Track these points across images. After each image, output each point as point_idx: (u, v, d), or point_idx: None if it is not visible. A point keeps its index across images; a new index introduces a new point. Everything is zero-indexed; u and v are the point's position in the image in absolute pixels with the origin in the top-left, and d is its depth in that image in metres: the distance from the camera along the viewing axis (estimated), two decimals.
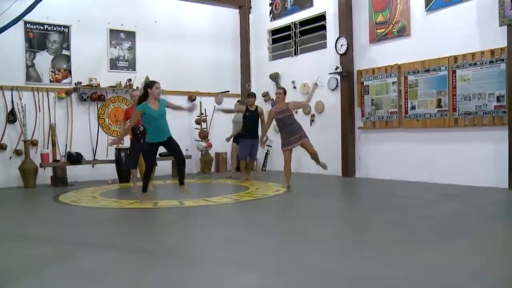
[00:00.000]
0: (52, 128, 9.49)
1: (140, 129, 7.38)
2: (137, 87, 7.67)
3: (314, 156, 7.87)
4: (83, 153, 9.53)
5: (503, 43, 7.05)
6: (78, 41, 9.85)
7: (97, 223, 5.43)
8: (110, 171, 9.71)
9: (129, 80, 10.35)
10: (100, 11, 10.15)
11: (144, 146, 7.02)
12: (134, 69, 10.57)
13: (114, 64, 10.38)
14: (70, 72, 9.80)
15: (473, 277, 3.05)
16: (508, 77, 7.00)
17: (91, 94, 9.96)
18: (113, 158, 9.69)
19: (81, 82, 9.82)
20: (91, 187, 8.68)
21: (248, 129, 9.05)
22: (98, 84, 10.00)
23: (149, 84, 6.31)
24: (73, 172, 9.55)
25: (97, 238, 4.55)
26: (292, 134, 7.75)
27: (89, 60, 10.02)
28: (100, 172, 9.96)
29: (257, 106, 9.16)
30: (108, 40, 10.30)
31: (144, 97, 6.24)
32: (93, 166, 10.02)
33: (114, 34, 10.37)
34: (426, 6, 8.18)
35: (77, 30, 9.85)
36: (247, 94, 9.73)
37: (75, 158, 9.28)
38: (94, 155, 10.01)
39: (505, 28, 6.97)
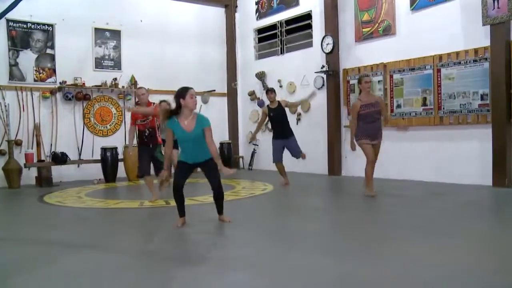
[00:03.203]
0: (37, 127, 9.38)
1: (146, 134, 6.63)
2: (143, 87, 7.13)
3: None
4: (68, 153, 9.45)
5: (487, 42, 7.14)
6: (62, 40, 9.75)
7: (83, 223, 5.38)
8: (96, 171, 9.64)
9: (115, 79, 10.28)
10: (85, 9, 10.05)
11: (154, 150, 6.58)
12: (119, 68, 10.50)
13: (99, 63, 10.29)
14: (54, 71, 9.70)
15: (459, 273, 3.09)
16: (492, 76, 7.09)
17: (76, 94, 9.86)
18: (99, 157, 9.62)
19: (66, 82, 9.72)
20: (77, 187, 8.60)
21: (276, 129, 8.21)
22: (83, 84, 9.91)
23: (181, 93, 4.71)
24: (58, 172, 9.46)
25: (83, 238, 4.52)
26: (378, 131, 6.56)
27: (74, 59, 9.92)
28: (85, 172, 9.87)
29: (279, 101, 8.19)
30: (93, 39, 10.21)
31: (176, 111, 4.74)
32: (78, 166, 9.93)
33: (99, 33, 10.28)
34: (411, 5, 8.25)
35: (62, 29, 9.75)
36: (265, 90, 8.66)
37: (60, 158, 9.20)
38: (80, 155, 9.92)
39: (488, 27, 7.06)
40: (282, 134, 8.06)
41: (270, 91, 8.22)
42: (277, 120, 8.11)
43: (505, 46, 6.89)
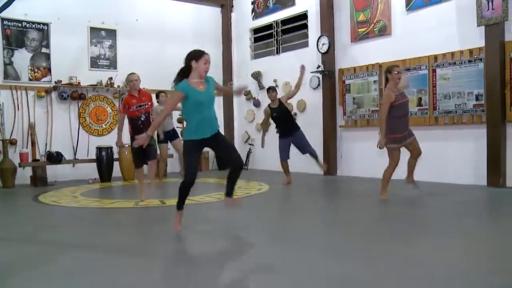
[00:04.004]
0: (32, 127, 9.35)
1: (142, 119, 6.33)
2: (135, 73, 6.69)
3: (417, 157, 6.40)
4: (63, 153, 9.42)
5: (481, 43, 7.17)
6: (58, 39, 9.71)
7: (78, 223, 5.37)
8: (91, 170, 9.61)
9: (110, 78, 10.25)
10: (80, 9, 10.02)
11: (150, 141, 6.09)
12: (115, 67, 10.48)
13: (95, 63, 10.27)
14: (49, 70, 9.67)
15: (458, 273, 3.10)
16: (486, 76, 7.12)
17: (72, 93, 9.83)
18: (94, 157, 9.60)
19: (61, 81, 9.69)
20: (72, 186, 8.58)
21: (282, 128, 8.08)
22: (79, 83, 9.88)
23: (195, 55, 4.34)
24: (53, 171, 9.43)
25: (79, 238, 4.51)
26: (407, 127, 6.11)
27: (69, 58, 9.89)
28: (81, 171, 9.85)
29: (279, 99, 8.06)
30: (89, 38, 10.18)
31: (183, 73, 4.38)
32: (73, 166, 9.90)
33: (95, 32, 10.26)
34: (406, 5, 8.27)
35: (57, 28, 9.71)
36: (266, 89, 8.44)
37: (55, 158, 9.16)
38: (75, 154, 9.89)
39: (483, 28, 7.10)
40: (288, 132, 7.99)
41: (271, 90, 8.11)
42: (282, 119, 8.02)
43: (499, 46, 6.92)
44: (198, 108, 4.25)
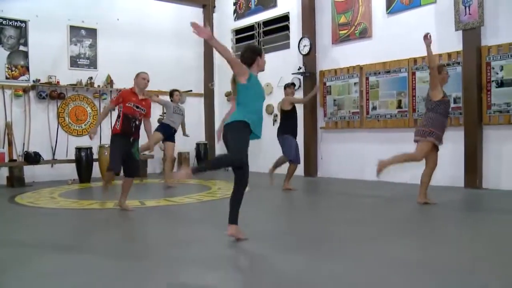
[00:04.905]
0: (9, 126, 9.18)
1: (136, 122, 5.74)
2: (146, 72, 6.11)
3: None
4: (41, 153, 9.27)
5: (459, 47, 7.30)
6: (36, 37, 9.56)
7: (56, 224, 5.29)
8: (70, 171, 9.49)
9: (90, 78, 10.14)
10: (60, 6, 9.89)
11: (132, 146, 5.67)
12: (95, 67, 10.36)
13: (74, 62, 10.14)
14: (28, 69, 9.51)
15: (428, 271, 3.14)
16: (464, 80, 7.25)
17: (51, 92, 9.69)
18: (73, 157, 9.47)
19: (39, 80, 9.55)
20: (50, 187, 8.44)
21: (292, 127, 7.60)
22: (58, 82, 9.75)
23: (260, 51, 4.34)
24: (31, 172, 9.27)
25: (56, 239, 4.44)
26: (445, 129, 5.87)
27: (48, 57, 9.74)
28: (59, 172, 9.70)
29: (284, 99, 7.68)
30: (69, 37, 10.05)
31: (245, 63, 4.22)
32: (52, 166, 9.76)
33: (75, 31, 10.13)
34: (387, 8, 8.36)
35: (35, 26, 9.56)
36: (290, 84, 7.92)
37: (33, 158, 9.02)
38: (54, 154, 9.75)
39: (460, 32, 7.22)
40: (296, 134, 7.64)
41: (293, 86, 7.88)
42: (295, 117, 7.68)
43: (476, 51, 7.05)
44: (257, 100, 4.17)
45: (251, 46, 4.42)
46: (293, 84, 8.03)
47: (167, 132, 8.23)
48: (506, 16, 6.91)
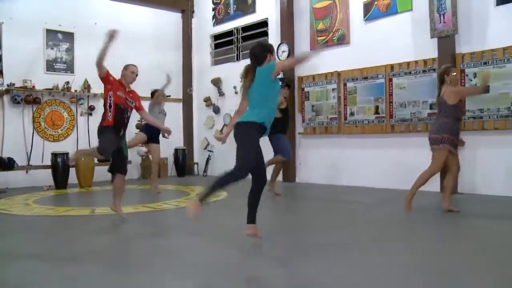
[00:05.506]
0: None
1: (128, 114, 5.53)
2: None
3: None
4: (16, 158, 9.10)
5: (435, 54, 7.42)
6: (10, 40, 9.39)
7: (29, 232, 5.18)
8: (45, 177, 9.31)
9: (67, 82, 10.01)
10: (35, 9, 9.75)
11: (121, 141, 5.38)
12: (72, 71, 10.23)
13: (51, 66, 9.99)
14: (1, 72, 9.33)
15: (419, 275, 3.17)
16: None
17: (26, 97, 9.53)
18: (49, 163, 9.31)
19: (14, 84, 9.38)
20: (25, 194, 8.27)
21: (285, 125, 7.58)
22: (33, 86, 9.59)
23: (272, 48, 4.23)
24: (5, 178, 9.07)
25: (28, 247, 4.34)
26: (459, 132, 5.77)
27: (24, 60, 9.58)
28: (35, 178, 9.53)
29: None
30: (45, 41, 9.91)
31: (257, 61, 4.17)
32: (27, 172, 9.58)
33: (51, 34, 9.99)
34: (364, 15, 8.46)
35: (10, 28, 9.39)
36: (283, 85, 7.72)
37: (6, 164, 8.84)
38: (29, 160, 9.57)
39: (436, 40, 7.35)
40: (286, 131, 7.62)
41: (288, 87, 7.94)
42: (288, 116, 7.73)
43: (450, 58, 7.18)
44: (272, 100, 4.15)
45: (262, 43, 4.36)
46: (287, 86, 8.00)
47: (153, 132, 7.89)
48: (479, 25, 7.07)
